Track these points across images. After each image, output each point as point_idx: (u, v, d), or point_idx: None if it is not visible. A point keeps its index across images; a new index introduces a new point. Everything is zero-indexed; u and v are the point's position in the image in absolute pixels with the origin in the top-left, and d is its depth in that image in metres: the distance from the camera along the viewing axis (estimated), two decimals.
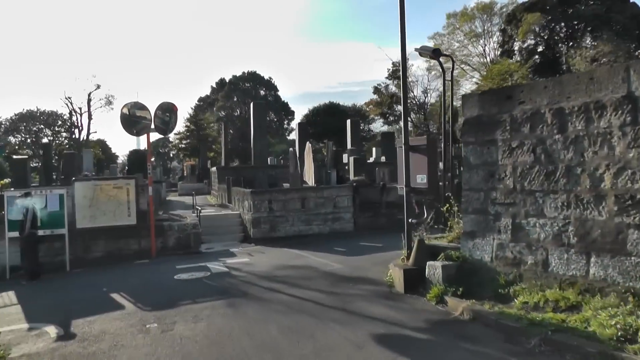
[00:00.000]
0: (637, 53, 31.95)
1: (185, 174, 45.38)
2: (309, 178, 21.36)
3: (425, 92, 47.07)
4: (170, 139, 71.98)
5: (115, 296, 9.03)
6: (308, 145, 22.56)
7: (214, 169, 32.42)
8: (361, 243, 14.36)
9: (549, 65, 39.08)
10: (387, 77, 48.57)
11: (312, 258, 12.11)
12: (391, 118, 50.08)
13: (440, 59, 12.14)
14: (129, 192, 13.55)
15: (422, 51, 12.02)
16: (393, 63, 46.15)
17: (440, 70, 11.58)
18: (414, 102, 45.51)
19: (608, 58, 29.59)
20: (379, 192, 18.54)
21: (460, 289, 7.21)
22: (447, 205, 8.99)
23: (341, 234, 16.21)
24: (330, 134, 41.87)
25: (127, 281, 10.44)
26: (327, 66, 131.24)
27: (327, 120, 49.77)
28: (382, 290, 8.37)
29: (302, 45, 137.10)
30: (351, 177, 22.65)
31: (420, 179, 8.76)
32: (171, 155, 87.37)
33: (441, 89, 47.06)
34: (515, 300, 6.63)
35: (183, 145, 61.18)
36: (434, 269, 7.63)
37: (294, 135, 69.58)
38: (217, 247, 14.71)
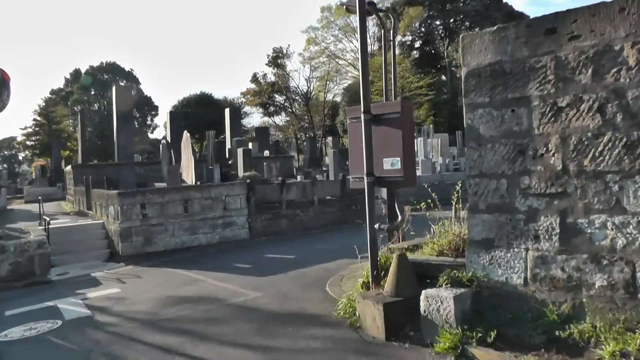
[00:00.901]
0: None
1: (34, 177, 38.22)
2: (189, 175, 17.69)
3: (308, 80, 45.14)
4: (18, 138, 62.28)
5: None
6: (186, 135, 18.72)
7: (68, 168, 26.75)
8: (266, 255, 11.40)
9: (428, 61, 39.22)
10: (266, 64, 45.66)
11: (211, 282, 8.77)
12: (272, 108, 47.23)
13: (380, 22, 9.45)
14: None
15: (351, 5, 9.24)
16: (274, 49, 43.40)
17: (380, 24, 8.87)
18: (297, 91, 43.31)
19: None
20: (277, 190, 15.61)
21: (492, 334, 4.50)
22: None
23: (235, 243, 13.12)
24: (204, 127, 37.83)
25: None
26: (197, 60, 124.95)
27: (200, 112, 45.51)
28: (347, 337, 5.35)
29: (171, 36, 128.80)
30: (240, 172, 19.39)
31: (391, 164, 5.91)
32: (20, 158, 76.78)
33: (319, 83, 45.58)
34: (598, 349, 4.06)
35: (32, 143, 52.81)
36: (439, 301, 4.83)
37: (157, 134, 63.97)
38: (74, 271, 10.63)
